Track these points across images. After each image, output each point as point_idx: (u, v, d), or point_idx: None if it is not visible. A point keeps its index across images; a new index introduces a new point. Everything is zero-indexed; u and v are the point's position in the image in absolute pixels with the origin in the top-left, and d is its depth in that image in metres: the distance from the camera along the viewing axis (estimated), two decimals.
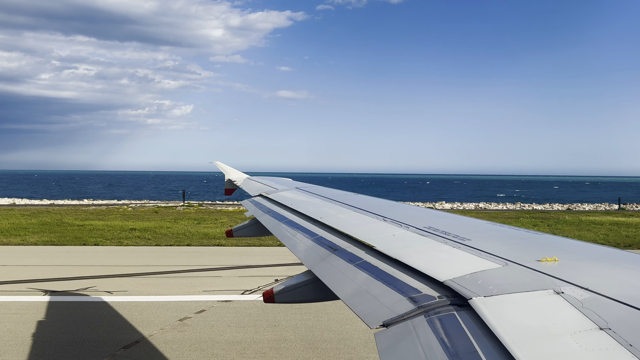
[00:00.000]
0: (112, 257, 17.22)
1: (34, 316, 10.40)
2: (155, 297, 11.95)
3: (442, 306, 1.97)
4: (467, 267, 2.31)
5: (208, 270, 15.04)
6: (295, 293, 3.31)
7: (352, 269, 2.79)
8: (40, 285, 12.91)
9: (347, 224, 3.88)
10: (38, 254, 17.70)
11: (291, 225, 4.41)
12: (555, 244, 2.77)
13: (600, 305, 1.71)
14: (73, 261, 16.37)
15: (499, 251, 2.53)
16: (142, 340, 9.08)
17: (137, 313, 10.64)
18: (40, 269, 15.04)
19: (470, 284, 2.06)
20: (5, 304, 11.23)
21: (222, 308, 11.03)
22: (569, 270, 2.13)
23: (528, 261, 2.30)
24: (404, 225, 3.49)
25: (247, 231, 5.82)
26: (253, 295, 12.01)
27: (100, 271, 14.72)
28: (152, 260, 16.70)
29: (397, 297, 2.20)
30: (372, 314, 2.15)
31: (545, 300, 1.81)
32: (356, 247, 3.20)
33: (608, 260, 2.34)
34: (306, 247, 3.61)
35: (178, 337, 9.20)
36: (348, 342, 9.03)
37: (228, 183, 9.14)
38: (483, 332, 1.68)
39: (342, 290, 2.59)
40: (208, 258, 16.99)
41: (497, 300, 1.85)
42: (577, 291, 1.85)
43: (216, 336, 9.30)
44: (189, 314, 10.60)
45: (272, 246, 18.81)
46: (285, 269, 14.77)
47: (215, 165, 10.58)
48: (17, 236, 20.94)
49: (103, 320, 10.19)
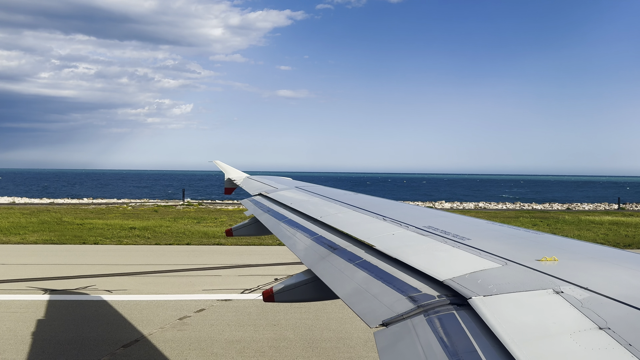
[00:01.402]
0: (112, 256, 17.22)
1: (33, 315, 10.40)
2: (154, 296, 11.95)
3: (441, 305, 1.97)
4: (466, 266, 2.31)
5: (208, 269, 15.04)
6: (295, 292, 3.31)
7: (352, 268, 2.79)
8: (40, 284, 12.90)
9: (347, 223, 3.88)
10: (38, 252, 17.70)
11: (291, 224, 4.41)
12: (554, 243, 2.77)
13: (600, 304, 1.71)
14: (73, 260, 16.36)
15: (499, 250, 2.53)
16: (142, 339, 9.08)
17: (137, 312, 10.64)
18: (39, 267, 15.04)
19: (470, 284, 2.06)
20: (5, 303, 11.23)
21: (221, 307, 11.03)
22: (568, 269, 2.13)
23: (528, 261, 2.30)
24: (404, 225, 3.49)
25: (246, 230, 5.83)
26: (253, 294, 12.01)
27: (99, 270, 14.72)
28: (151, 259, 16.70)
29: (396, 297, 2.20)
30: (372, 313, 2.15)
31: (545, 300, 1.81)
32: (356, 246, 3.20)
33: (607, 260, 2.34)
34: (306, 246, 3.61)
35: (178, 336, 9.21)
36: (347, 341, 9.03)
37: (228, 182, 9.14)
38: (482, 331, 1.68)
39: (342, 290, 2.58)
40: (208, 257, 16.99)
41: (496, 300, 1.85)
42: (577, 291, 1.85)
43: (216, 335, 9.30)
44: (188, 313, 10.60)
45: (271, 245, 18.81)
46: (285, 268, 14.78)
47: (215, 165, 10.58)
48: (16, 235, 20.94)
49: (103, 319, 10.19)
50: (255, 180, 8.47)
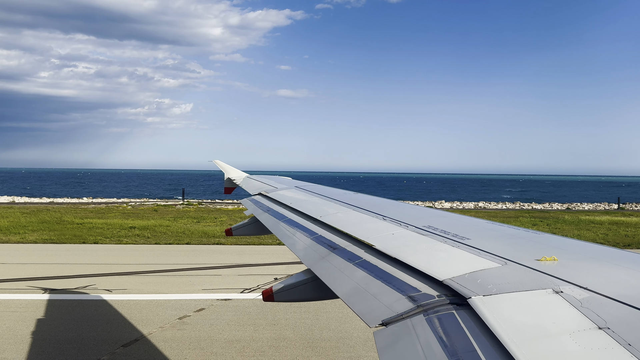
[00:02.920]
0: (112, 255, 17.22)
1: (33, 314, 10.40)
2: (154, 295, 11.95)
3: (441, 305, 1.97)
4: (466, 266, 2.31)
5: (207, 268, 15.04)
6: (295, 292, 3.30)
7: (352, 268, 2.79)
8: (40, 284, 12.90)
9: (347, 222, 3.88)
10: (37, 252, 17.70)
11: (290, 224, 4.41)
12: (554, 243, 2.77)
13: (600, 304, 1.71)
14: (72, 259, 16.36)
15: (498, 250, 2.53)
16: (142, 339, 9.08)
17: (137, 311, 10.64)
18: (39, 267, 15.04)
19: (470, 283, 2.06)
20: (5, 302, 11.23)
21: (221, 306, 11.03)
22: (568, 269, 2.13)
23: (527, 260, 2.29)
24: (404, 224, 3.48)
25: (246, 230, 5.83)
26: (252, 294, 12.02)
27: (99, 269, 14.72)
28: (151, 258, 16.70)
29: (396, 296, 2.20)
30: (371, 313, 2.15)
31: (545, 300, 1.81)
32: (355, 245, 3.20)
33: (607, 260, 2.34)
34: (305, 245, 3.61)
35: (177, 336, 9.21)
36: (347, 341, 9.03)
37: (228, 182, 9.14)
38: (482, 331, 1.68)
39: (342, 289, 2.58)
40: (207, 256, 16.99)
41: (496, 300, 1.85)
42: (576, 290, 1.85)
43: (215, 335, 9.30)
44: (188, 312, 10.60)
45: (271, 245, 18.81)
46: (284, 268, 14.78)
47: (215, 164, 10.58)
48: (16, 234, 20.93)
49: (102, 319, 10.19)
50: (255, 179, 8.47)
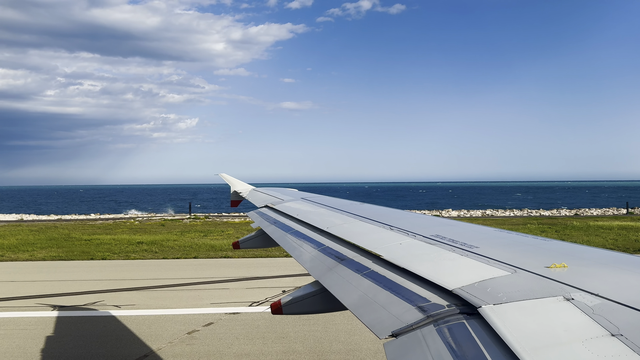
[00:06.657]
0: (120, 271, 17.24)
1: (42, 332, 10.40)
2: (163, 310, 11.93)
3: (451, 315, 1.95)
4: (475, 274, 2.30)
5: (215, 282, 15.02)
6: (303, 304, 3.29)
7: (360, 279, 2.78)
8: (49, 301, 12.92)
9: (354, 233, 3.86)
10: (46, 269, 17.75)
11: (297, 235, 4.40)
12: (563, 249, 2.75)
13: (611, 311, 1.69)
14: (81, 276, 16.39)
15: (507, 258, 2.51)
16: (151, 354, 9.05)
17: (145, 327, 10.62)
18: (48, 284, 15.08)
19: (479, 292, 2.05)
20: (14, 320, 11.25)
21: (230, 320, 10.99)
22: (578, 276, 2.11)
23: (537, 268, 2.28)
24: (411, 234, 3.47)
25: (253, 242, 5.83)
26: (261, 307, 11.98)
27: (108, 285, 14.73)
28: (159, 273, 16.70)
29: (405, 307, 2.19)
30: (381, 324, 2.13)
31: (556, 307, 1.79)
32: (363, 256, 3.19)
33: (618, 266, 2.32)
34: (313, 257, 3.60)
35: (186, 351, 9.17)
36: (357, 353, 8.97)
37: (234, 195, 9.17)
38: (493, 340, 1.66)
39: (350, 300, 2.57)
40: (215, 270, 16.97)
41: (507, 308, 1.84)
42: (588, 297, 1.83)
43: (225, 349, 9.26)
44: (197, 326, 10.58)
45: (279, 257, 18.77)
46: (292, 280, 14.73)
47: (221, 177, 10.62)
48: (25, 252, 21.02)
49: (111, 335, 10.18)
50: (261, 192, 8.48)
